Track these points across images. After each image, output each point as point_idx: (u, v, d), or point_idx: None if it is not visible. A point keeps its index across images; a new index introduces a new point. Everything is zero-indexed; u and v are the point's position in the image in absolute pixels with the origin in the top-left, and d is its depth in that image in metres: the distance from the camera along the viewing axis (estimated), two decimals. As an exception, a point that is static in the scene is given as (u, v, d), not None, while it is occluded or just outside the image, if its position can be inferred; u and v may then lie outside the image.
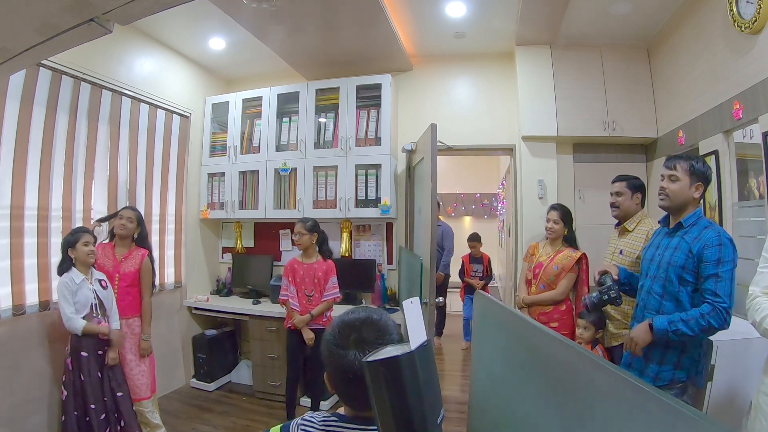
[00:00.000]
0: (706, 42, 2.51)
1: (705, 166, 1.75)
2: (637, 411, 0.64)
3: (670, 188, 1.74)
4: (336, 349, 0.83)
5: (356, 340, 0.83)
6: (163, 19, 2.95)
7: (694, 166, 1.71)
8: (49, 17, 1.22)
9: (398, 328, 0.88)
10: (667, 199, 1.76)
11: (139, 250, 2.65)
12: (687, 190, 1.71)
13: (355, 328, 0.84)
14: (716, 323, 1.54)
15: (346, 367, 0.81)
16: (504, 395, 1.28)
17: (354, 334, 0.84)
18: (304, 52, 3.47)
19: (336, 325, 0.87)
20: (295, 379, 2.92)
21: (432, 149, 2.70)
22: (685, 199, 1.72)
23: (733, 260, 1.59)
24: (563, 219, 2.70)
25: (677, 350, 1.66)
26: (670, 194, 1.75)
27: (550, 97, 3.33)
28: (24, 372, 2.37)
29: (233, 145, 3.84)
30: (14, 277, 2.35)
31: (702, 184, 1.72)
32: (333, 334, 0.86)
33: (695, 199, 1.72)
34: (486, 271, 4.74)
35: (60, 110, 2.62)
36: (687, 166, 1.71)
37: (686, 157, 1.76)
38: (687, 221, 1.71)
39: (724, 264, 1.57)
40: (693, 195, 1.71)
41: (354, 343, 0.82)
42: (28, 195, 2.45)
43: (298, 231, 2.86)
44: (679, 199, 1.73)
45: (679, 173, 1.72)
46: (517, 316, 1.25)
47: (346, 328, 0.85)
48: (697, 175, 1.71)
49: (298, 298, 2.86)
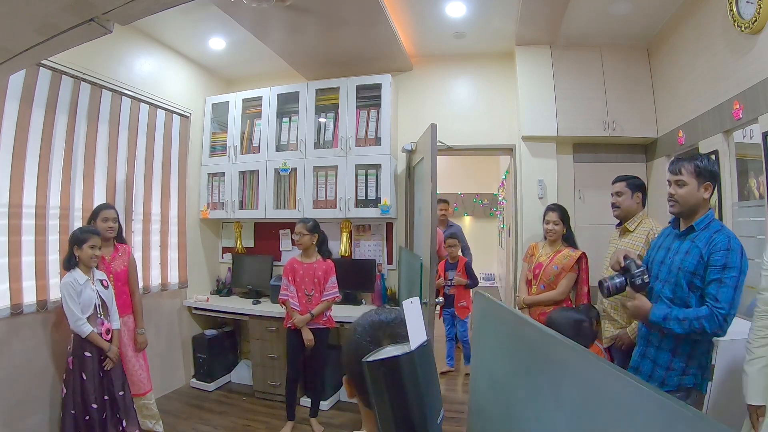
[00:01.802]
0: (706, 42, 2.51)
1: (711, 163, 1.68)
2: (637, 411, 0.64)
3: (678, 194, 1.69)
4: (368, 345, 0.77)
5: (391, 335, 0.79)
6: (163, 19, 2.95)
7: (700, 166, 1.65)
8: (49, 17, 1.22)
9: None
10: (677, 206, 1.70)
11: (123, 247, 2.70)
12: (696, 192, 1.65)
13: (389, 324, 0.81)
14: (710, 328, 1.52)
15: None
16: (504, 395, 1.28)
17: (388, 330, 0.80)
18: (304, 52, 3.47)
19: (366, 324, 0.83)
20: (295, 378, 2.92)
21: (432, 149, 2.70)
22: (696, 203, 1.67)
23: (740, 267, 1.54)
24: (562, 219, 2.71)
25: (685, 356, 1.64)
26: (679, 200, 1.69)
27: (550, 97, 3.33)
28: (24, 371, 2.37)
29: (233, 145, 3.84)
30: (12, 275, 2.35)
31: (710, 183, 1.66)
32: (364, 332, 0.81)
33: (705, 200, 1.66)
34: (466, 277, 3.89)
35: (60, 110, 2.61)
36: (692, 168, 1.66)
37: (690, 158, 1.70)
38: (699, 225, 1.66)
39: (729, 270, 1.54)
40: (703, 196, 1.66)
41: (389, 338, 0.79)
42: (27, 194, 2.44)
43: (299, 231, 2.86)
44: (690, 203, 1.67)
45: (685, 176, 1.66)
46: (517, 316, 1.25)
47: (379, 325, 0.81)
48: (704, 175, 1.65)
49: (298, 297, 2.86)
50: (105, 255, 2.57)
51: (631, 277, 1.72)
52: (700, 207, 1.67)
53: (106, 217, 2.55)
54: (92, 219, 2.56)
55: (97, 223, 2.52)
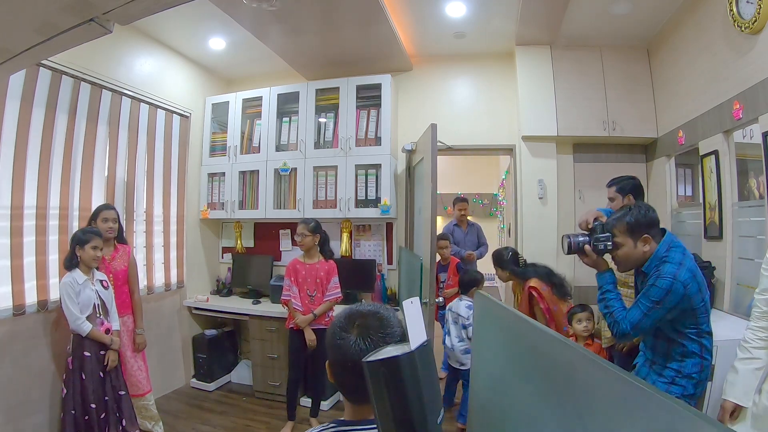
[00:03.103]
0: (706, 42, 2.51)
1: (642, 212, 1.60)
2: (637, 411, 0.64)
3: (617, 257, 1.65)
4: (339, 331, 0.86)
5: (360, 325, 0.86)
6: (163, 19, 2.94)
7: (631, 223, 1.59)
8: (49, 17, 1.22)
9: (402, 326, 0.88)
10: (621, 266, 1.67)
11: (123, 247, 2.70)
12: (633, 250, 1.60)
13: (362, 315, 0.89)
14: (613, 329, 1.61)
15: (345, 353, 0.83)
16: (504, 395, 1.28)
17: (359, 320, 0.87)
18: (304, 52, 3.46)
19: (345, 311, 0.92)
20: (296, 380, 2.92)
21: (432, 149, 2.70)
22: (637, 259, 1.62)
23: (662, 301, 1.49)
24: (500, 266, 2.73)
25: (675, 370, 1.62)
26: (620, 262, 1.66)
27: (550, 97, 3.34)
28: (24, 371, 2.37)
29: (233, 145, 3.84)
30: (14, 277, 2.35)
31: (648, 234, 1.58)
32: (340, 318, 0.90)
33: (648, 251, 1.60)
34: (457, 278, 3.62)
35: (60, 110, 2.61)
36: (624, 227, 1.61)
37: (619, 216, 1.64)
38: (648, 269, 1.61)
39: (647, 297, 1.52)
40: (643, 250, 1.60)
41: (357, 329, 0.86)
42: (27, 194, 2.45)
43: (301, 232, 2.86)
44: (631, 260, 1.64)
45: (620, 237, 1.62)
46: (517, 316, 1.25)
47: (354, 314, 0.89)
48: (638, 230, 1.59)
49: (301, 298, 2.86)
50: (105, 255, 2.57)
51: (596, 240, 1.68)
52: (645, 259, 1.62)
53: (106, 217, 2.55)
54: (92, 219, 2.56)
55: (97, 224, 2.52)
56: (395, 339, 0.84)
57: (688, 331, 1.55)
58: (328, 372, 0.90)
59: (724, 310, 2.34)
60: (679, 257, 1.55)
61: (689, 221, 2.92)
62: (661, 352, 1.64)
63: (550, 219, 3.41)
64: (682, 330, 1.56)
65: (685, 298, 1.49)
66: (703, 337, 1.56)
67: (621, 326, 1.57)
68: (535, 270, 2.59)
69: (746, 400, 1.44)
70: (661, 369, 1.64)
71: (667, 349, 1.61)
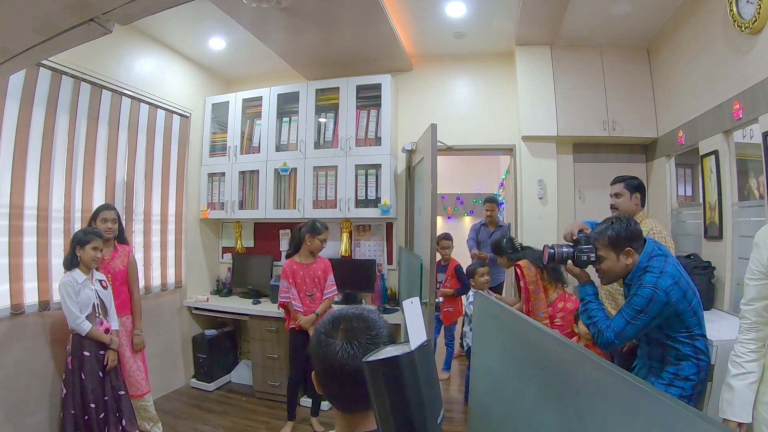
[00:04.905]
0: (706, 42, 2.51)
1: (623, 226, 1.60)
2: (637, 411, 0.64)
3: (601, 270, 1.66)
4: (324, 338, 0.82)
5: (345, 329, 0.82)
6: (163, 19, 2.94)
7: (612, 237, 1.60)
8: (49, 17, 1.22)
9: (389, 327, 0.87)
10: (605, 278, 1.68)
11: (123, 247, 2.70)
12: (616, 263, 1.61)
13: (347, 318, 0.84)
14: (597, 340, 1.64)
15: (332, 359, 0.79)
16: (504, 395, 1.28)
17: (344, 324, 0.83)
18: (304, 52, 3.46)
19: (328, 316, 0.87)
20: (296, 379, 2.91)
21: (432, 149, 2.70)
22: (620, 272, 1.63)
23: (644, 310, 1.51)
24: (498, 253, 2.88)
25: (673, 373, 1.62)
26: (605, 275, 1.67)
27: (550, 97, 3.34)
28: (24, 371, 2.37)
29: (233, 145, 3.84)
30: (12, 276, 2.35)
31: (630, 247, 1.59)
32: (324, 323, 0.86)
33: (630, 263, 1.60)
34: (458, 282, 3.66)
35: (60, 110, 2.61)
36: (606, 241, 1.61)
37: (601, 230, 1.64)
38: (632, 280, 1.62)
39: (630, 306, 1.54)
40: (625, 263, 1.60)
41: (342, 332, 0.81)
42: (28, 195, 2.44)
43: (325, 238, 2.88)
44: (614, 274, 1.64)
45: (603, 251, 1.63)
46: (517, 316, 1.25)
47: (338, 318, 0.85)
48: (620, 243, 1.59)
49: (300, 298, 2.86)
50: (105, 255, 2.57)
51: (579, 251, 1.68)
52: (628, 271, 1.62)
53: (105, 218, 2.55)
54: (92, 220, 2.56)
55: (97, 224, 2.52)
56: (383, 341, 0.80)
57: (679, 336, 1.56)
58: (315, 385, 0.86)
59: (724, 310, 2.34)
60: (659, 266, 1.56)
61: (689, 221, 2.92)
62: (656, 357, 1.65)
63: (550, 219, 3.41)
64: (672, 335, 1.57)
65: (669, 306, 1.51)
66: (695, 339, 1.56)
67: (605, 335, 1.59)
68: (532, 253, 2.61)
69: (747, 417, 1.42)
70: (659, 372, 1.64)
71: (662, 354, 1.62)
